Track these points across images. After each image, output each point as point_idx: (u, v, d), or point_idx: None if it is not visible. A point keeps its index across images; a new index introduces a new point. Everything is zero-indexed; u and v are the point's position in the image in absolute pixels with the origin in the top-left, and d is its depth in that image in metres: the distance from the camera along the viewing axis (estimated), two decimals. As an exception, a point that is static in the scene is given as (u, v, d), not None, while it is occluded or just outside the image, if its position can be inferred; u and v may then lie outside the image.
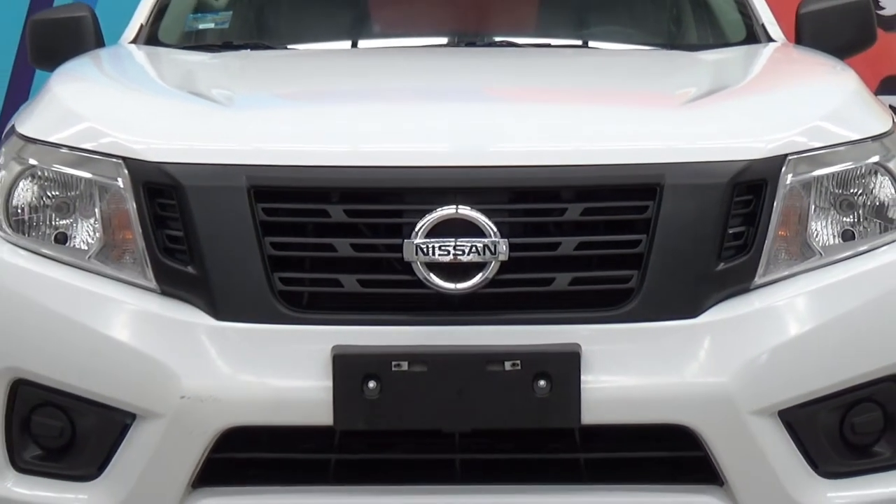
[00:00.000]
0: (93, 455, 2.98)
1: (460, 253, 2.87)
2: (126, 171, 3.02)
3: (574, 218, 2.95)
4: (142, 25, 4.40)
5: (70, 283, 3.03)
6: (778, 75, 3.81)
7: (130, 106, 3.43)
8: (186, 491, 2.91)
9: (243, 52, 4.28)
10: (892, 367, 3.02)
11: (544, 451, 2.96)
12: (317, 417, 2.85)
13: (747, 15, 4.43)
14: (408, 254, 2.88)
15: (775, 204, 3.01)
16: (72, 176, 3.09)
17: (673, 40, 4.59)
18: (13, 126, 3.28)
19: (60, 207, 3.10)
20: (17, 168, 3.14)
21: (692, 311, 2.93)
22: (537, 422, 2.88)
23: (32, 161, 3.14)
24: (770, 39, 4.29)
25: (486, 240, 2.88)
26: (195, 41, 4.46)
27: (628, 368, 2.89)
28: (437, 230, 2.88)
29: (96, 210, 3.06)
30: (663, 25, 4.72)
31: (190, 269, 2.95)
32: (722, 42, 4.37)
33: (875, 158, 3.15)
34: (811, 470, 2.97)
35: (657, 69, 4.04)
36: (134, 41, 4.33)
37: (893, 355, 3.03)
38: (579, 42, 4.58)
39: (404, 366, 2.84)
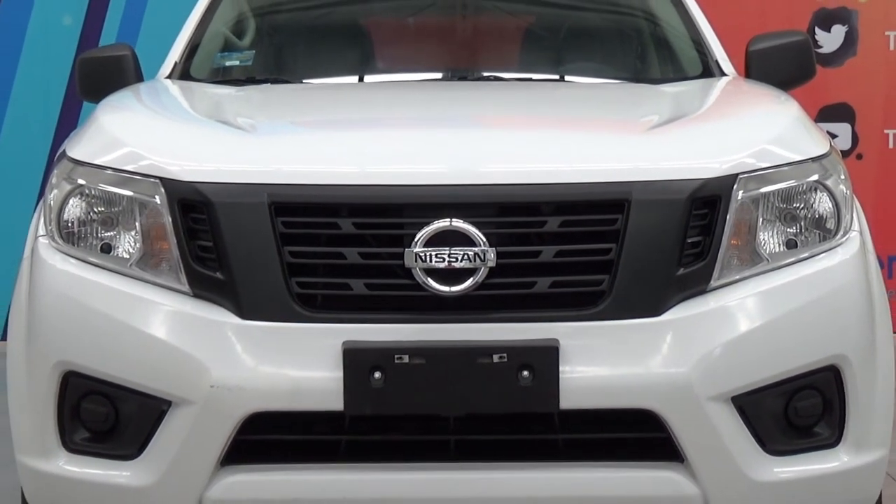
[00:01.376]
0: (134, 437, 2.98)
1: (454, 260, 2.87)
2: (162, 190, 3.02)
3: (553, 229, 2.95)
4: (176, 63, 4.40)
5: (114, 287, 3.03)
6: (730, 105, 3.81)
7: (166, 133, 3.43)
8: (215, 468, 2.91)
9: (264, 85, 4.27)
10: (829, 358, 3.02)
11: (527, 432, 2.96)
12: (329, 404, 2.85)
13: (703, 52, 4.43)
14: (408, 261, 2.88)
15: (728, 217, 3.01)
16: (115, 194, 3.09)
17: (638, 74, 4.59)
18: (64, 150, 3.27)
19: (105, 221, 3.10)
20: (67, 187, 3.14)
21: (656, 310, 2.93)
22: (521, 407, 2.89)
23: (81, 181, 3.13)
24: (723, 73, 4.29)
25: (476, 249, 2.88)
26: (222, 76, 4.45)
27: (601, 360, 2.89)
28: (434, 240, 2.88)
29: (137, 224, 3.06)
30: (630, 61, 4.72)
31: (218, 275, 2.95)
32: (681, 76, 4.37)
33: (815, 177, 3.15)
34: (760, 448, 2.97)
35: (624, 100, 4.04)
36: (169, 76, 4.33)
37: (831, 348, 3.03)
38: (556, 76, 4.57)
39: (406, 359, 2.84)
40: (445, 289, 2.89)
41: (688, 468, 2.92)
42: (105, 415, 3.01)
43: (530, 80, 4.53)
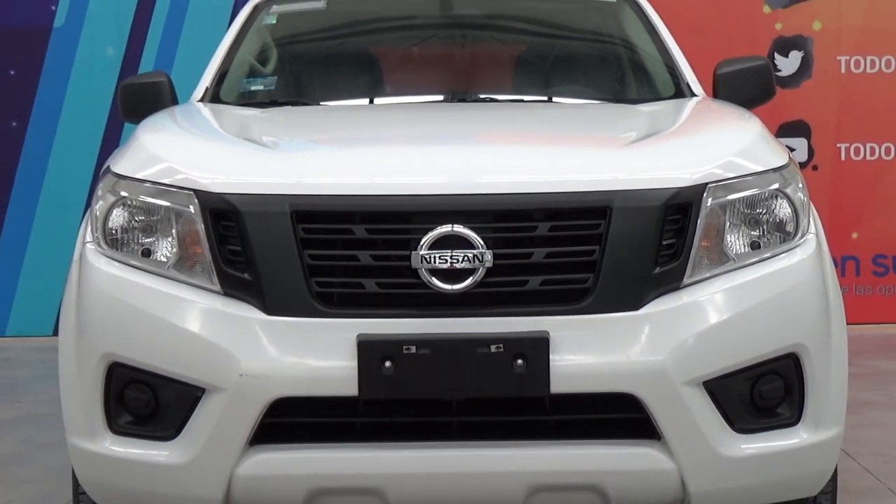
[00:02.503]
0: (172, 420, 2.98)
1: (455, 262, 2.88)
2: (196, 201, 3.02)
3: (543, 234, 2.95)
4: (207, 88, 4.40)
5: (153, 287, 3.03)
6: (700, 122, 3.81)
7: (199, 150, 3.44)
8: (244, 448, 2.90)
9: (286, 107, 4.27)
10: (789, 346, 3.02)
11: (522, 414, 2.96)
12: (345, 389, 2.86)
13: (675, 75, 4.43)
14: (414, 262, 2.89)
15: (699, 222, 3.01)
16: (154, 204, 3.09)
17: (618, 95, 4.59)
18: (108, 166, 3.28)
19: (145, 229, 3.10)
20: (112, 199, 3.15)
21: (635, 305, 2.93)
22: (516, 391, 2.89)
23: (123, 193, 3.14)
24: (693, 94, 4.29)
25: (475, 251, 2.88)
26: (248, 100, 4.45)
27: (586, 350, 2.88)
28: (438, 244, 2.89)
29: (173, 231, 3.06)
30: (610, 84, 4.71)
31: (246, 276, 2.95)
32: (656, 96, 4.37)
33: (775, 186, 3.15)
34: (728, 427, 2.96)
35: (606, 118, 4.04)
36: (201, 100, 4.33)
37: (791, 337, 3.03)
38: (545, 98, 4.57)
39: (413, 349, 2.84)
40: (448, 287, 2.89)
41: (664, 445, 2.91)
42: (146, 401, 3.01)
43: (521, 101, 4.54)
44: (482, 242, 2.89)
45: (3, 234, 8.50)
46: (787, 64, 8.42)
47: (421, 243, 2.89)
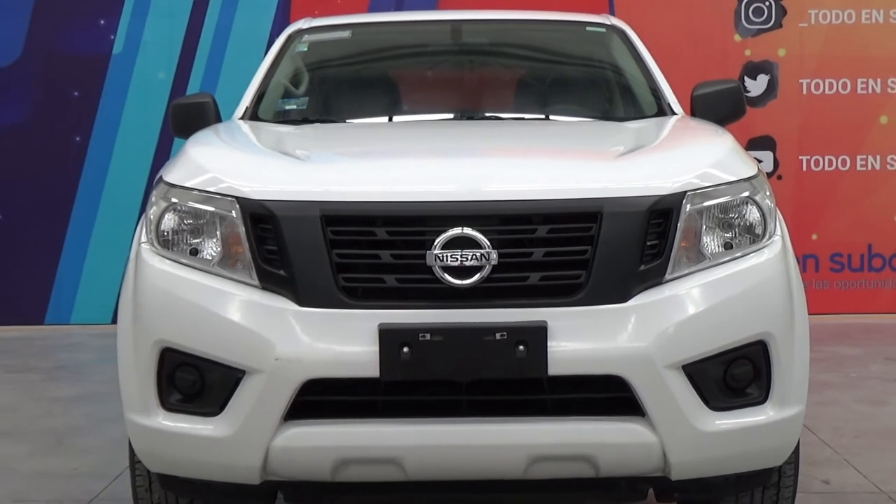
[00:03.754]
0: (216, 399, 2.97)
1: (465, 260, 2.87)
2: (237, 206, 3.01)
3: (542, 235, 2.94)
4: (247, 107, 4.40)
5: (200, 282, 3.03)
6: (679, 138, 3.80)
7: (240, 161, 3.43)
8: (280, 423, 2.90)
9: (316, 124, 4.27)
10: (758, 334, 3.01)
11: (522, 393, 2.94)
12: (368, 372, 2.85)
13: (658, 96, 4.41)
14: (429, 261, 2.88)
15: (678, 225, 3.00)
16: (201, 209, 3.09)
17: (607, 114, 4.58)
18: (161, 176, 3.27)
19: (193, 231, 3.10)
20: (163, 204, 3.15)
21: (623, 298, 2.92)
22: (517, 374, 2.88)
23: (174, 200, 3.13)
24: (673, 113, 4.27)
25: (482, 251, 2.87)
26: (283, 117, 4.45)
27: (580, 337, 2.88)
28: (449, 244, 2.88)
29: (217, 232, 3.06)
30: (600, 104, 4.70)
31: (281, 272, 2.94)
32: (640, 115, 4.35)
33: (746, 193, 3.14)
34: (704, 405, 2.95)
35: (597, 134, 4.03)
36: (242, 117, 4.33)
37: (759, 326, 3.02)
38: (543, 116, 4.56)
39: (427, 337, 2.83)
40: (458, 282, 2.88)
41: (648, 421, 2.90)
42: (193, 381, 3.01)
43: (522, 118, 4.52)
44: (488, 243, 2.88)
45: (68, 234, 8.52)
46: (756, 86, 8.42)
47: (434, 244, 2.88)
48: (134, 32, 8.47)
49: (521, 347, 2.83)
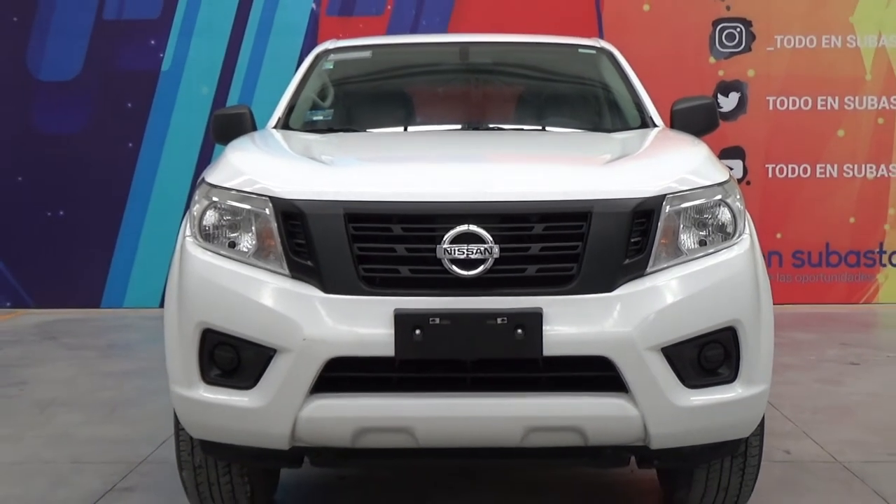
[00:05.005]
0: (250, 374, 2.96)
1: (470, 253, 2.86)
2: (270, 205, 3.00)
3: (539, 232, 2.93)
4: (279, 118, 4.39)
5: (237, 271, 3.02)
6: (660, 147, 3.78)
7: (273, 165, 3.41)
8: (306, 396, 2.90)
9: (340, 133, 4.26)
10: (728, 321, 3.00)
11: (520, 371, 2.93)
12: (384, 351, 2.84)
13: (641, 110, 4.40)
14: (439, 254, 2.87)
15: (658, 224, 2.98)
16: (238, 207, 3.08)
17: (596, 126, 4.55)
18: (203, 178, 3.26)
19: (231, 226, 3.09)
20: (205, 203, 3.14)
21: (609, 287, 2.90)
22: (516, 354, 2.87)
23: (215, 199, 3.13)
24: (655, 125, 4.26)
25: (486, 245, 2.86)
26: (311, 127, 4.43)
27: (571, 322, 2.86)
28: (457, 239, 2.86)
29: (252, 228, 3.05)
30: (591, 117, 4.68)
31: (309, 263, 2.93)
32: (626, 127, 4.34)
33: (719, 196, 3.12)
34: (681, 383, 2.93)
35: (587, 143, 4.01)
36: (275, 127, 4.32)
37: (729, 314, 3.01)
38: (540, 127, 4.54)
39: (437, 320, 2.82)
40: (464, 273, 2.87)
41: (631, 397, 2.89)
42: (231, 359, 3.00)
43: (522, 129, 4.50)
44: (491, 238, 2.87)
45: (121, 228, 8.55)
46: (728, 102, 8.43)
47: (444, 239, 2.87)
48: (180, 52, 8.49)
49: (520, 331, 2.82)
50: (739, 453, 3.37)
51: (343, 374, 2.90)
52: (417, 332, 2.82)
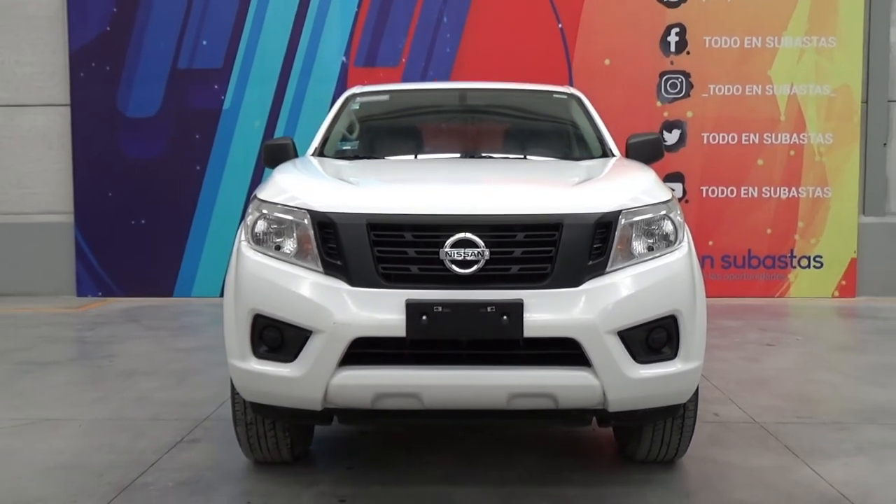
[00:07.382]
0: (292, 350, 2.96)
1: (467, 256, 2.86)
2: (309, 216, 3.01)
3: (520, 239, 2.92)
4: (316, 147, 4.38)
5: (282, 269, 3.02)
6: (617, 172, 3.77)
7: (311, 185, 3.40)
8: (335, 368, 2.89)
9: (364, 160, 4.25)
10: (670, 311, 3.00)
11: (506, 349, 2.92)
12: (398, 332, 2.84)
13: (602, 143, 4.39)
14: (441, 256, 2.87)
15: (616, 233, 2.98)
16: (283, 218, 3.08)
17: (567, 156, 4.55)
18: (255, 194, 3.26)
19: (277, 233, 3.08)
20: (257, 214, 3.14)
21: (577, 283, 2.90)
22: (502, 335, 2.86)
23: (264, 211, 3.13)
24: (613, 155, 4.25)
25: (479, 249, 2.86)
26: (341, 155, 4.43)
27: (546, 310, 2.85)
28: (456, 245, 2.87)
29: (294, 234, 3.05)
30: (562, 148, 4.67)
31: (338, 262, 2.93)
32: (590, 156, 4.33)
33: (663, 212, 3.12)
34: (632, 360, 2.93)
35: (560, 169, 3.99)
36: (312, 154, 4.31)
37: (671, 305, 3.01)
38: (522, 156, 4.54)
39: (440, 309, 2.82)
40: (461, 271, 2.87)
41: (593, 370, 2.89)
42: (276, 338, 3.00)
43: (508, 157, 4.49)
44: (483, 244, 2.87)
45: (190, 235, 8.55)
46: (671, 137, 8.41)
47: (445, 244, 2.87)
48: (238, 94, 8.48)
49: (505, 317, 2.82)
50: (679, 415, 3.37)
51: (365, 351, 2.90)
52: (424, 317, 2.81)
